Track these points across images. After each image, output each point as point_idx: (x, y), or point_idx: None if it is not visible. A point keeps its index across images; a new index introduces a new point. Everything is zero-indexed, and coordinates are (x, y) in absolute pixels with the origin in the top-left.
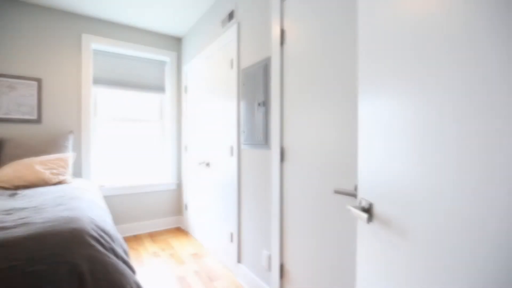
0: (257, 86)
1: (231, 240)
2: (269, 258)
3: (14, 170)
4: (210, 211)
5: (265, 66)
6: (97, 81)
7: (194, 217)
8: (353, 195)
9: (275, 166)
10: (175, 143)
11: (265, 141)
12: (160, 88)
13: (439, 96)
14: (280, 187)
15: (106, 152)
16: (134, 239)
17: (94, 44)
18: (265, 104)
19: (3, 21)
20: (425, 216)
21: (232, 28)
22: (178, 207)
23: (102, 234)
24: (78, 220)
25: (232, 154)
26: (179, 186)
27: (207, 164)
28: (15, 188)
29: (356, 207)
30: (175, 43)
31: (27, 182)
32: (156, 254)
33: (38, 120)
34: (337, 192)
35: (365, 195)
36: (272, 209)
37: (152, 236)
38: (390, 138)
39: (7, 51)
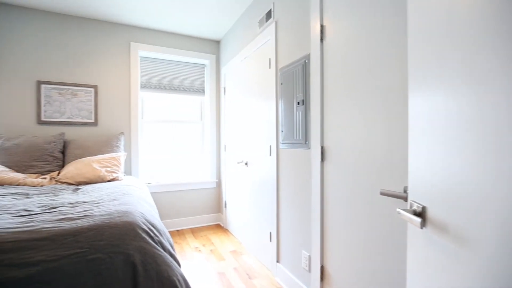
0: (295, 85)
1: (270, 240)
2: (309, 259)
3: (75, 168)
4: (248, 209)
5: (304, 64)
6: (143, 85)
7: (233, 215)
8: (402, 197)
9: (315, 166)
10: (214, 143)
11: (305, 140)
12: (200, 91)
13: None
14: (321, 187)
15: (152, 151)
16: (177, 233)
17: (141, 51)
18: (304, 102)
19: (67, 37)
20: (495, 226)
21: (269, 28)
22: (218, 205)
23: (151, 228)
24: (130, 214)
25: (270, 153)
26: (218, 184)
27: (246, 164)
28: (77, 183)
29: (406, 211)
30: (214, 46)
31: (86, 179)
32: (198, 249)
33: (95, 123)
34: (384, 193)
35: (416, 198)
36: (312, 209)
37: (194, 231)
38: (450, 136)
39: (70, 63)
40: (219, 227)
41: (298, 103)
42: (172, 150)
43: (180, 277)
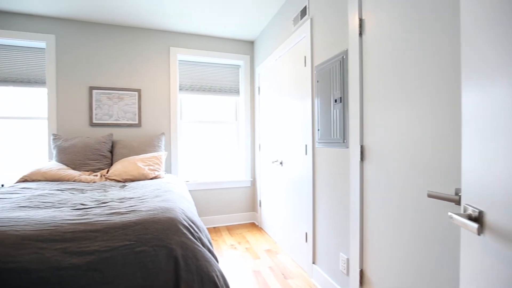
0: (332, 82)
1: (306, 240)
2: (347, 262)
3: (122, 166)
4: (283, 209)
5: (342, 60)
6: (182, 88)
7: (267, 214)
8: (453, 200)
9: (353, 165)
10: (249, 142)
11: (342, 139)
12: (235, 91)
13: None
14: (360, 188)
15: (190, 151)
16: (213, 230)
17: (179, 55)
18: (342, 100)
19: (114, 46)
20: None
21: (304, 25)
22: (253, 204)
23: (191, 224)
24: (172, 211)
25: (306, 152)
26: (253, 183)
27: (281, 163)
28: (124, 180)
29: (460, 215)
30: (248, 46)
31: (132, 176)
32: (233, 246)
33: (138, 124)
34: (432, 196)
35: (471, 201)
36: (351, 210)
37: (229, 229)
38: None
39: (117, 69)
40: (254, 226)
41: (335, 100)
42: (209, 150)
43: (219, 273)
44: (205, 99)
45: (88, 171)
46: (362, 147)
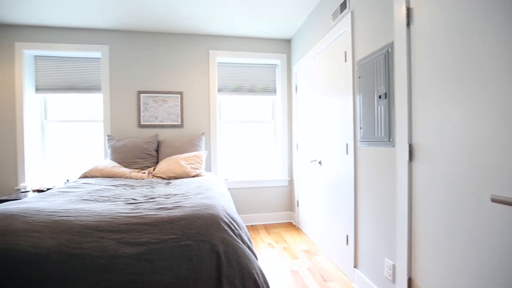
0: (376, 77)
1: (347, 243)
2: (393, 268)
3: (167, 165)
4: (322, 210)
5: (387, 54)
6: (220, 89)
7: (305, 214)
8: None
9: (401, 165)
10: (286, 141)
11: (388, 137)
12: (271, 90)
13: None
14: (408, 190)
15: (228, 150)
16: (251, 228)
17: (218, 57)
18: (387, 96)
19: (158, 52)
20: None
21: (344, 19)
22: (290, 203)
23: (232, 221)
24: (214, 207)
25: (347, 152)
26: (290, 182)
27: (319, 162)
28: (168, 178)
29: None
30: (285, 45)
31: (175, 174)
32: (271, 245)
33: (181, 125)
34: (497, 200)
35: None
36: (397, 214)
37: (267, 228)
38: None
39: (161, 73)
40: (291, 226)
41: (380, 96)
42: (246, 149)
43: (258, 270)
44: (243, 99)
45: (137, 168)
46: (410, 146)
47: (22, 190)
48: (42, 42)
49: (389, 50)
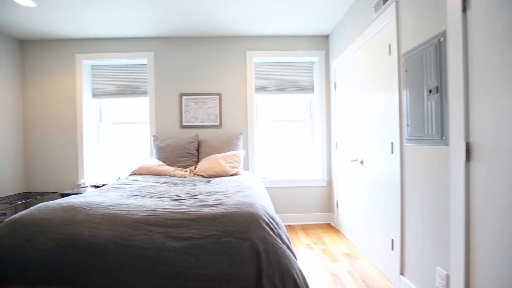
0: (425, 70)
1: (392, 248)
2: (447, 279)
3: (207, 163)
4: (364, 212)
5: (438, 44)
6: (257, 89)
7: (345, 216)
8: None
9: (456, 165)
10: (324, 140)
11: (440, 135)
12: (309, 88)
13: None
14: (465, 192)
15: (265, 149)
16: (288, 228)
17: (255, 57)
18: (438, 90)
19: (197, 55)
20: None
21: (388, 10)
22: (329, 204)
23: (271, 220)
24: (254, 206)
25: (392, 151)
26: (329, 183)
27: (361, 162)
28: (208, 176)
29: None
30: (322, 41)
31: (215, 173)
32: (309, 246)
33: (219, 125)
34: None
35: None
36: (452, 219)
37: (304, 228)
38: None
39: (201, 75)
40: (330, 227)
41: (430, 91)
42: (283, 148)
43: (298, 271)
44: (280, 98)
45: (179, 167)
46: (468, 144)
47: (82, 186)
48: (97, 53)
49: (441, 40)
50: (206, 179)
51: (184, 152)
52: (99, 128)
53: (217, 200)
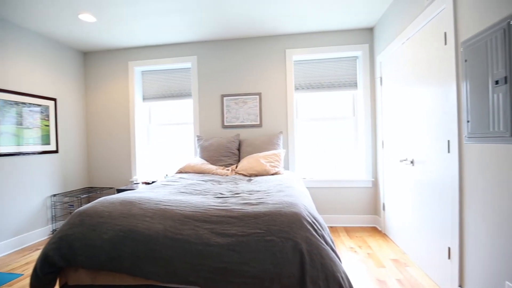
0: (490, 59)
1: (448, 256)
2: None
3: (248, 162)
4: (415, 216)
5: (507, 28)
6: (297, 87)
7: (393, 219)
8: None
9: None
10: (369, 139)
11: (510, 132)
12: (352, 84)
13: None
14: None
15: (306, 148)
16: (330, 230)
17: (294, 56)
18: (507, 81)
19: (238, 56)
20: None
21: None
22: (374, 206)
23: (314, 221)
24: (296, 206)
25: (449, 150)
26: (374, 184)
27: (411, 162)
28: (249, 175)
29: None
30: (366, 34)
31: (255, 172)
32: (353, 249)
33: (260, 125)
34: None
35: None
36: None
37: (347, 231)
38: None
39: (241, 76)
40: (376, 231)
41: (497, 82)
42: (325, 147)
43: (344, 275)
44: (320, 96)
45: (222, 166)
46: None
47: (134, 182)
48: (147, 59)
49: (511, 22)
50: (247, 178)
51: (226, 151)
52: (148, 129)
53: (259, 198)
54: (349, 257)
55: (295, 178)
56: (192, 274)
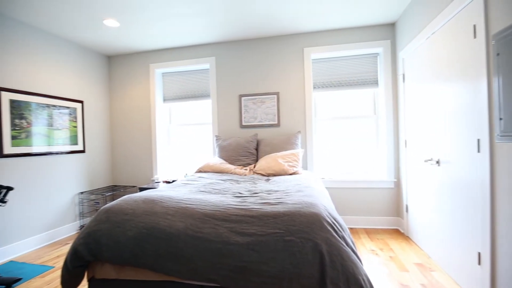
0: None
1: (479, 262)
2: None
3: (266, 162)
4: (441, 218)
5: None
6: (315, 86)
7: (417, 222)
8: None
9: None
10: (391, 138)
11: None
12: (372, 82)
13: None
14: None
15: (325, 148)
16: (350, 231)
17: (312, 54)
18: None
19: (255, 57)
20: None
21: None
22: (396, 208)
23: (334, 221)
24: (316, 206)
25: (479, 149)
26: (397, 184)
27: (437, 162)
28: (267, 175)
29: None
30: (387, 30)
31: (274, 171)
32: (374, 252)
33: (277, 124)
34: None
35: None
36: None
37: (368, 232)
38: None
39: (259, 76)
40: (398, 233)
41: None
42: (344, 147)
43: (365, 278)
44: (340, 94)
45: (240, 165)
46: None
47: (156, 181)
48: (167, 61)
49: None
50: (266, 178)
51: (244, 151)
52: (169, 129)
53: (278, 198)
54: (370, 259)
55: (313, 178)
56: (212, 272)
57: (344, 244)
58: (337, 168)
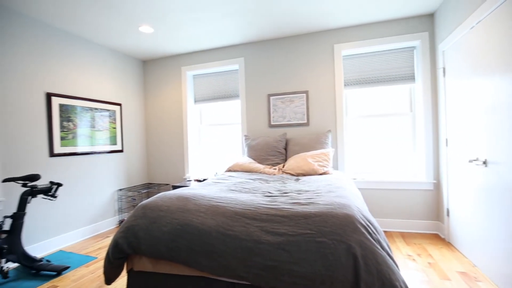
0: None
1: None
2: None
3: (295, 162)
4: (489, 224)
5: None
6: (346, 83)
7: (460, 227)
8: None
9: None
10: (430, 136)
11: None
12: (408, 77)
13: None
14: None
15: (356, 147)
16: (384, 235)
17: (343, 51)
18: None
19: (284, 56)
20: None
21: None
22: (436, 211)
23: (368, 224)
24: (349, 207)
25: None
26: (436, 186)
27: (484, 162)
28: (297, 174)
29: None
30: (425, 21)
31: (303, 171)
32: (411, 257)
33: (307, 123)
34: None
35: None
36: None
37: (404, 236)
38: None
39: (287, 75)
40: (438, 238)
41: None
42: (377, 146)
43: (403, 284)
44: (372, 91)
45: (269, 165)
46: None
47: (188, 179)
48: (197, 64)
49: None
50: (295, 177)
51: (273, 151)
52: (200, 129)
53: (309, 198)
54: (407, 265)
55: (345, 179)
56: (243, 270)
57: (380, 248)
58: (370, 169)
